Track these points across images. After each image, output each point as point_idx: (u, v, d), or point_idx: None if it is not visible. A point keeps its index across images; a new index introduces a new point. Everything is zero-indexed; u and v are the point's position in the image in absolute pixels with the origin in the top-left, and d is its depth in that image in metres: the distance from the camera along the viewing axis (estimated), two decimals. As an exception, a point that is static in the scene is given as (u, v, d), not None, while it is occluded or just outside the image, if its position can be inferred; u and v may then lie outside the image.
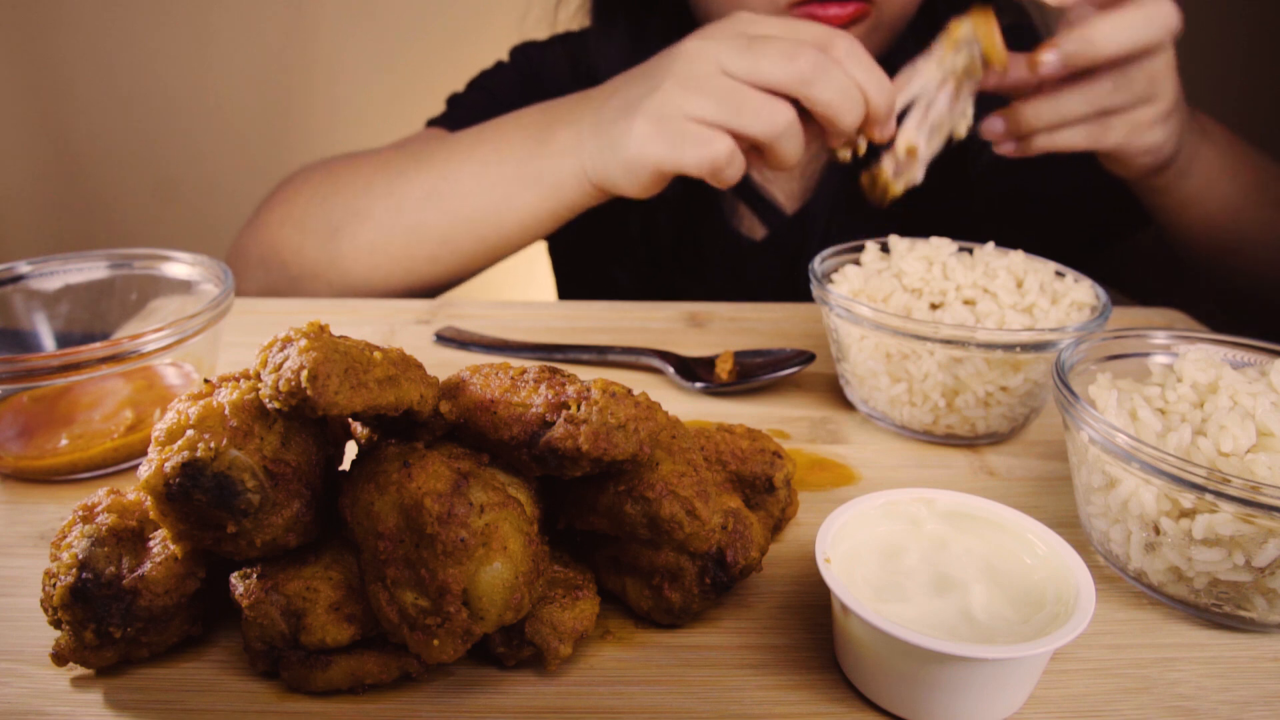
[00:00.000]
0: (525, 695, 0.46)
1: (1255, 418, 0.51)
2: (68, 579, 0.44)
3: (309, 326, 0.44)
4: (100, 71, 2.20)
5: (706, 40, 0.76)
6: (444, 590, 0.41)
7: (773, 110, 0.74)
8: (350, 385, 0.41)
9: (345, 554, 0.46)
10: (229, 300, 0.68)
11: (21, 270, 0.74)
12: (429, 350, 0.86)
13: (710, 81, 0.75)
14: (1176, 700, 0.46)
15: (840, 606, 0.45)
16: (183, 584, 0.45)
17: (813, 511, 0.61)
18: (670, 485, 0.46)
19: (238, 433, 0.42)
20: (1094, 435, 0.51)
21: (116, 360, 0.60)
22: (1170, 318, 0.98)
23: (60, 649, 0.45)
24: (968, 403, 0.68)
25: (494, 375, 0.48)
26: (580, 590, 0.48)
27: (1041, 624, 0.43)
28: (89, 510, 0.47)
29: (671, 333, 0.92)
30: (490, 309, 0.96)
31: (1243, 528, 0.46)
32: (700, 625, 0.51)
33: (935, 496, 0.51)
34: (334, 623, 0.44)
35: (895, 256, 0.74)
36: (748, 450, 0.55)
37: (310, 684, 0.44)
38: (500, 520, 0.43)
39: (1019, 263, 0.73)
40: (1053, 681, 0.47)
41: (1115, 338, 0.63)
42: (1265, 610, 0.50)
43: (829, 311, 0.71)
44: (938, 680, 0.42)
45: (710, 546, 0.48)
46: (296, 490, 0.44)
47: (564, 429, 0.44)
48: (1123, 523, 0.52)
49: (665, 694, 0.46)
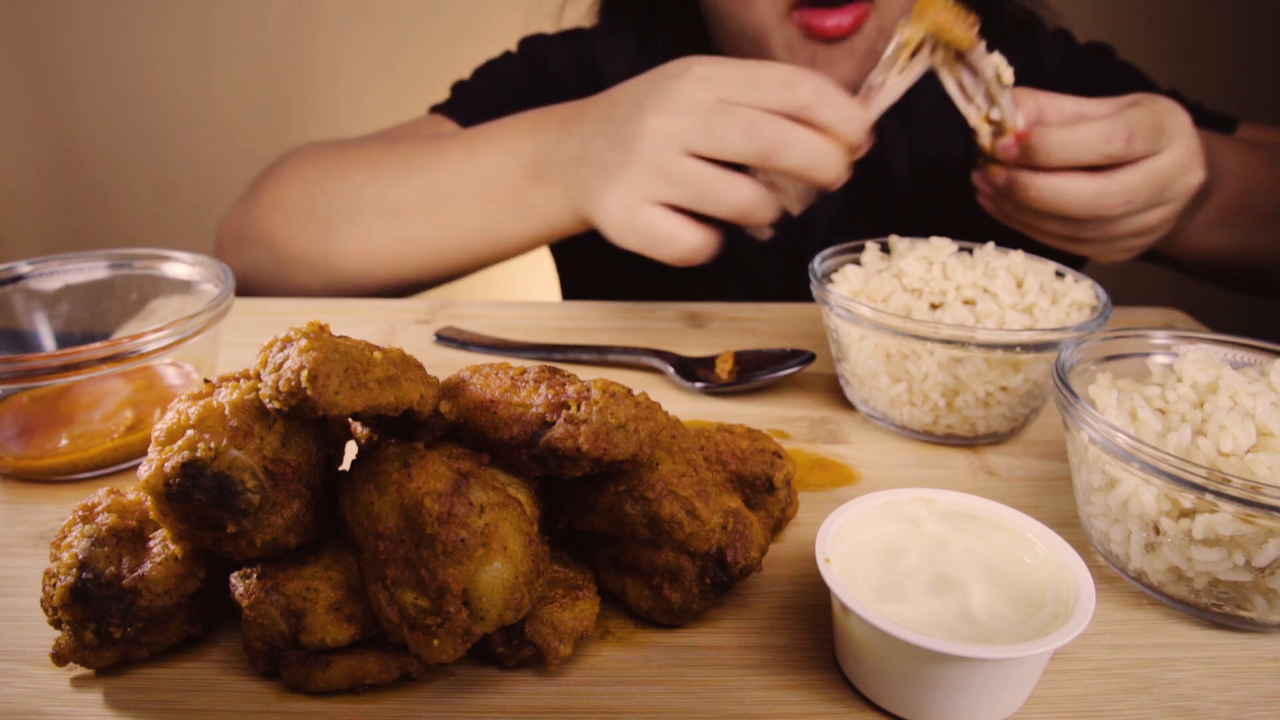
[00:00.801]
0: (525, 695, 0.46)
1: (1255, 418, 0.51)
2: (68, 579, 0.44)
3: (309, 326, 0.44)
4: (100, 71, 2.20)
5: (668, 119, 0.74)
6: (444, 590, 0.41)
7: (737, 190, 0.74)
8: (350, 385, 0.41)
9: (345, 554, 0.46)
10: (229, 300, 0.68)
11: (21, 270, 0.74)
12: (429, 350, 0.86)
13: (674, 166, 0.74)
14: (1176, 700, 0.46)
15: (840, 606, 0.45)
16: (183, 584, 0.45)
17: (813, 511, 0.61)
18: (670, 485, 0.46)
19: (238, 433, 0.42)
20: (1094, 435, 0.51)
21: (116, 360, 0.60)
22: (1170, 318, 0.98)
23: (60, 649, 0.45)
24: (968, 403, 0.68)
25: (494, 375, 0.48)
26: (580, 590, 0.48)
27: (1041, 624, 0.43)
28: (89, 510, 0.47)
29: (671, 333, 0.92)
30: (490, 309, 0.96)
31: (1243, 528, 0.46)
32: (700, 625, 0.51)
33: (935, 496, 0.51)
34: (334, 623, 0.44)
35: (895, 256, 0.74)
36: (748, 450, 0.55)
37: (310, 684, 0.44)
38: (500, 520, 0.43)
39: (1019, 263, 0.73)
40: (1053, 681, 0.47)
41: (1115, 338, 0.63)
42: (1265, 610, 0.49)
43: (829, 311, 0.71)
44: (938, 680, 0.42)
45: (710, 546, 0.48)
46: (296, 490, 0.44)
47: (564, 429, 0.44)
48: (1123, 523, 0.52)
49: (665, 694, 0.46)
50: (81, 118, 2.26)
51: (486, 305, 0.97)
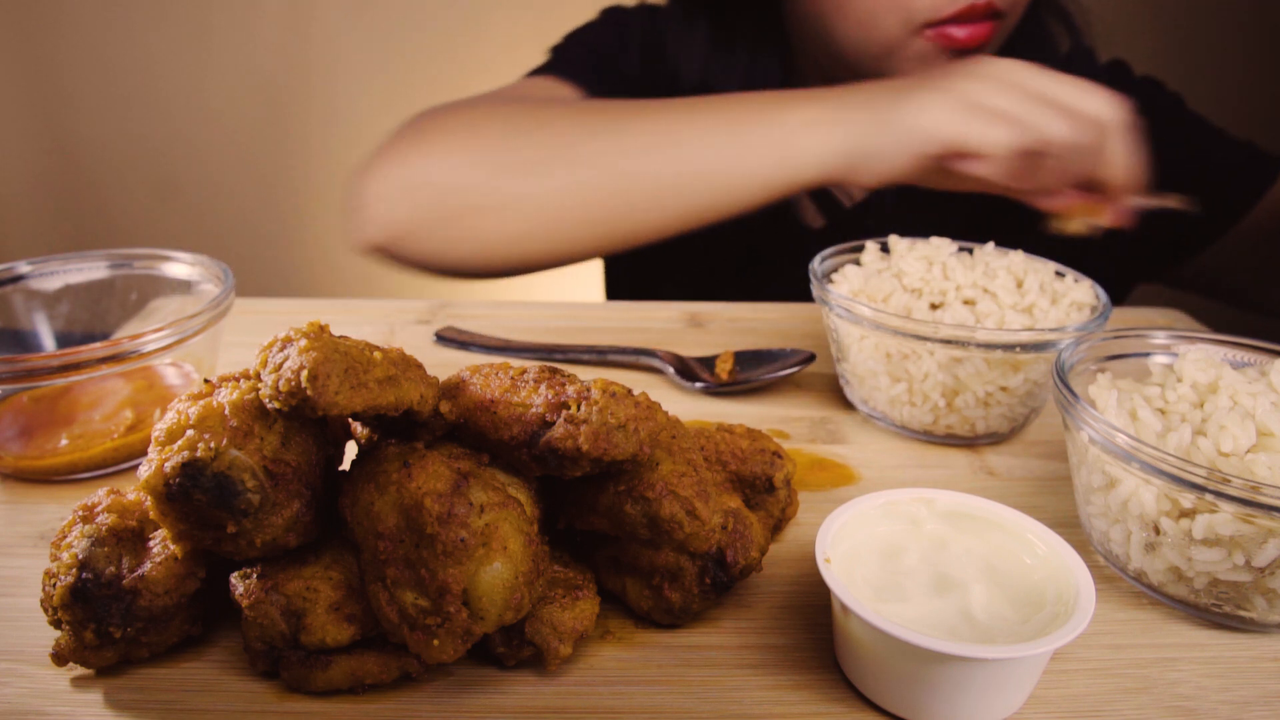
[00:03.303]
0: (525, 695, 0.46)
1: (1255, 418, 0.51)
2: (68, 579, 0.44)
3: (309, 326, 0.44)
4: (100, 71, 2.20)
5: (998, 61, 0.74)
6: (444, 590, 0.41)
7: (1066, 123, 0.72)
8: (350, 385, 0.41)
9: (345, 554, 0.46)
10: (229, 300, 0.68)
11: (21, 270, 0.74)
12: (429, 350, 0.86)
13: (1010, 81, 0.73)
14: (1176, 700, 0.46)
15: (840, 606, 0.45)
16: (183, 584, 0.45)
17: (813, 511, 0.61)
18: (670, 485, 0.46)
19: (238, 433, 0.42)
20: (1094, 435, 0.51)
21: (116, 360, 0.60)
22: (1170, 318, 0.98)
23: (60, 649, 0.45)
24: (968, 403, 0.68)
25: (494, 375, 0.48)
26: (580, 590, 0.48)
27: (1041, 624, 0.43)
28: (89, 510, 0.47)
29: (671, 333, 0.92)
30: (490, 309, 0.96)
31: (1243, 528, 0.46)
32: (700, 625, 0.51)
33: (935, 496, 0.51)
34: (334, 623, 0.44)
35: (895, 256, 0.74)
36: (748, 450, 0.55)
37: (310, 684, 0.44)
38: (500, 520, 0.43)
39: (1019, 263, 0.73)
40: (1053, 681, 0.47)
41: (1115, 338, 0.63)
42: (1265, 610, 0.50)
43: (829, 311, 0.71)
44: (938, 680, 0.42)
45: (710, 546, 0.48)
46: (296, 490, 0.44)
47: (564, 429, 0.44)
48: (1123, 523, 0.52)
49: (665, 694, 0.46)
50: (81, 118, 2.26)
51: (486, 305, 0.97)
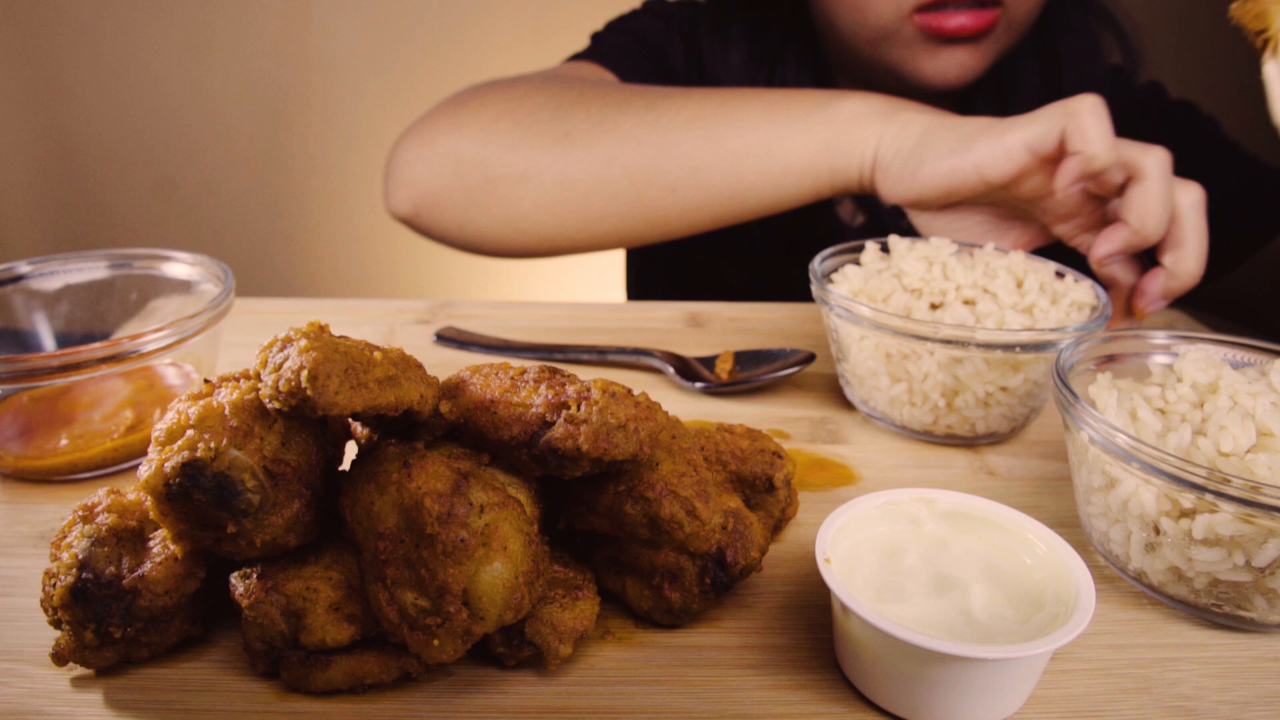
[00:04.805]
0: (525, 695, 0.46)
1: (1255, 418, 0.51)
2: (68, 579, 0.44)
3: (309, 326, 0.44)
4: (100, 72, 2.21)
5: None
6: (444, 590, 0.41)
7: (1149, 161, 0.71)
8: (350, 385, 0.41)
9: (345, 554, 0.46)
10: (229, 300, 0.68)
11: (21, 270, 0.74)
12: (429, 350, 0.86)
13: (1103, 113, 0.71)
14: (1176, 700, 0.46)
15: (840, 606, 0.45)
16: (183, 584, 0.45)
17: (813, 511, 0.61)
18: (670, 485, 0.46)
19: (238, 433, 0.42)
20: (1094, 435, 0.51)
21: (116, 360, 0.60)
22: (1170, 318, 0.98)
23: (60, 649, 0.45)
24: (968, 403, 0.68)
25: (494, 375, 0.48)
26: (580, 590, 0.48)
27: (1041, 624, 0.43)
28: (89, 510, 0.47)
29: (671, 333, 0.92)
30: (490, 309, 0.96)
31: (1243, 528, 0.46)
32: (700, 625, 0.51)
33: (935, 496, 0.51)
34: (334, 623, 0.44)
35: (895, 256, 0.74)
36: (748, 450, 0.55)
37: (310, 684, 0.44)
38: (500, 520, 0.43)
39: (1019, 263, 0.73)
40: (1053, 681, 0.47)
41: (1115, 338, 0.63)
42: (1265, 610, 0.50)
43: (829, 311, 0.71)
44: (938, 680, 0.42)
45: (710, 546, 0.48)
46: (296, 490, 0.44)
47: (564, 429, 0.44)
48: (1123, 523, 0.52)
49: (665, 694, 0.46)
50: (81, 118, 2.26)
51: (486, 305, 0.97)
